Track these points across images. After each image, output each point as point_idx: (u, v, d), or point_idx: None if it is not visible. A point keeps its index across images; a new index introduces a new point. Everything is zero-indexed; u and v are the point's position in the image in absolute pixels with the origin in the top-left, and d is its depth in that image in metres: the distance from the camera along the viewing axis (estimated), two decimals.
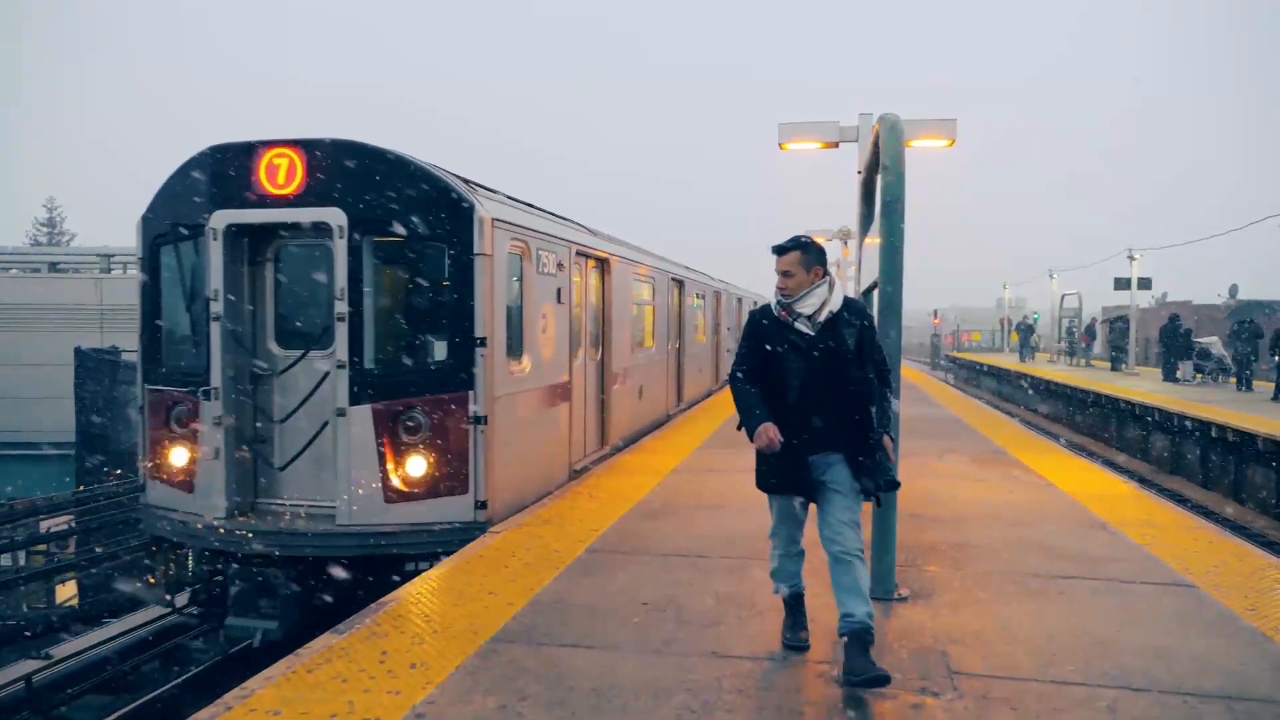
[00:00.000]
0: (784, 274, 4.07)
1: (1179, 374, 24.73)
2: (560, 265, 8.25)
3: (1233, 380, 22.88)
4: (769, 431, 3.97)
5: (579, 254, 9.04)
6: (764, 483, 4.21)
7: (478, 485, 6.51)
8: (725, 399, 16.50)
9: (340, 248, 6.51)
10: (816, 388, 4.02)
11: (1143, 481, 14.96)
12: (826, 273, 4.14)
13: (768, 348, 4.10)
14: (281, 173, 6.63)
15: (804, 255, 4.07)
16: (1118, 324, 30.52)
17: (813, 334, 4.04)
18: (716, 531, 6.62)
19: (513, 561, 5.74)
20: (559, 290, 8.22)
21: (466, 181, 6.94)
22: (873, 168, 6.62)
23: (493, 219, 6.67)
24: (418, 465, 6.48)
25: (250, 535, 6.43)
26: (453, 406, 6.49)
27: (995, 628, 4.63)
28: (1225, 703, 3.74)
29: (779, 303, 4.13)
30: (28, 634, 9.64)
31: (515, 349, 7.19)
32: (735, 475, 8.83)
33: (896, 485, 4.28)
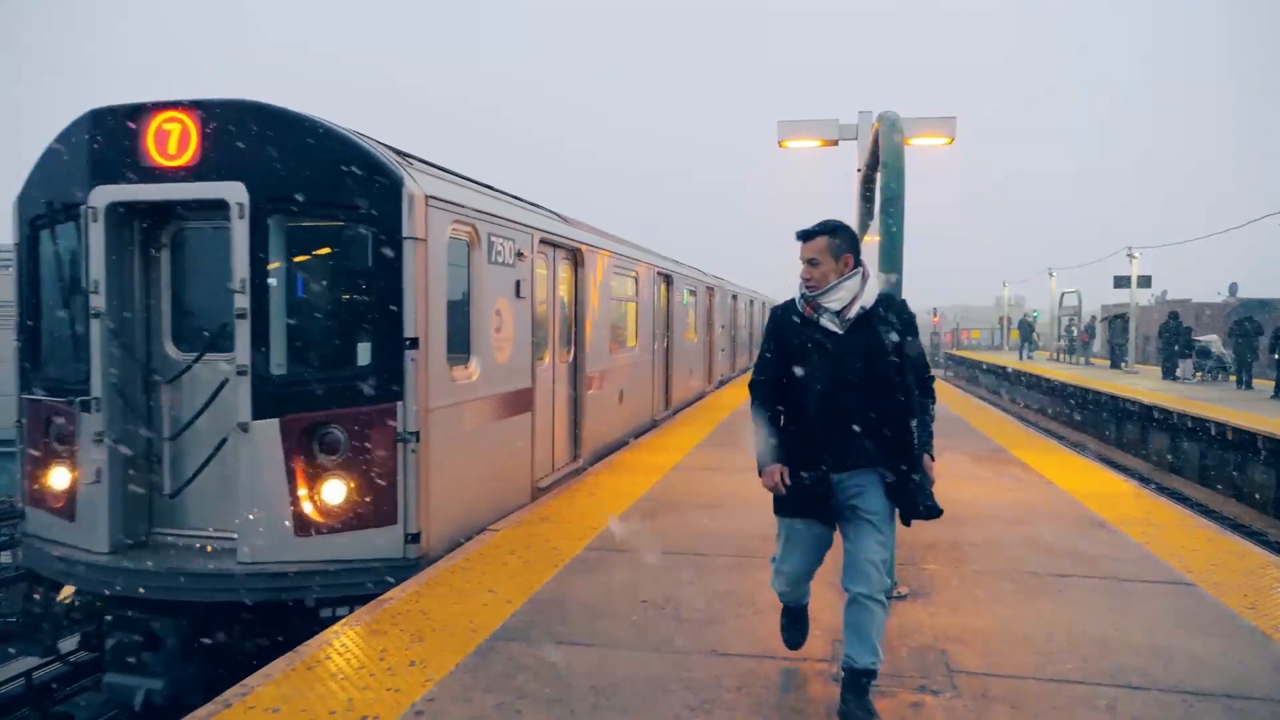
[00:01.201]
0: (809, 262, 3.57)
1: (1179, 372, 24.74)
2: (520, 254, 7.15)
3: (1232, 378, 22.88)
4: (775, 474, 3.59)
5: (545, 243, 7.97)
6: (782, 506, 3.69)
7: (408, 514, 5.46)
8: (718, 401, 16.24)
9: (240, 229, 5.42)
10: (845, 395, 3.50)
11: (1142, 480, 14.96)
12: (860, 263, 3.65)
13: (792, 347, 3.62)
14: (173, 140, 5.53)
15: (832, 241, 3.58)
16: (1117, 322, 30.51)
17: (840, 332, 3.52)
18: (716, 529, 6.62)
19: (512, 559, 5.74)
20: (518, 283, 7.14)
21: (400, 153, 5.86)
22: (872, 165, 6.62)
23: (427, 196, 5.59)
24: (335, 491, 5.45)
25: (129, 575, 5.42)
26: (377, 421, 5.43)
27: (994, 626, 4.63)
28: (1224, 701, 3.74)
29: (803, 296, 3.63)
30: None
31: (459, 351, 6.21)
32: (735, 474, 8.83)
33: (938, 513, 3.59)
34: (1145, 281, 30.89)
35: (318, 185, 5.47)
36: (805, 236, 3.64)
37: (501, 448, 6.96)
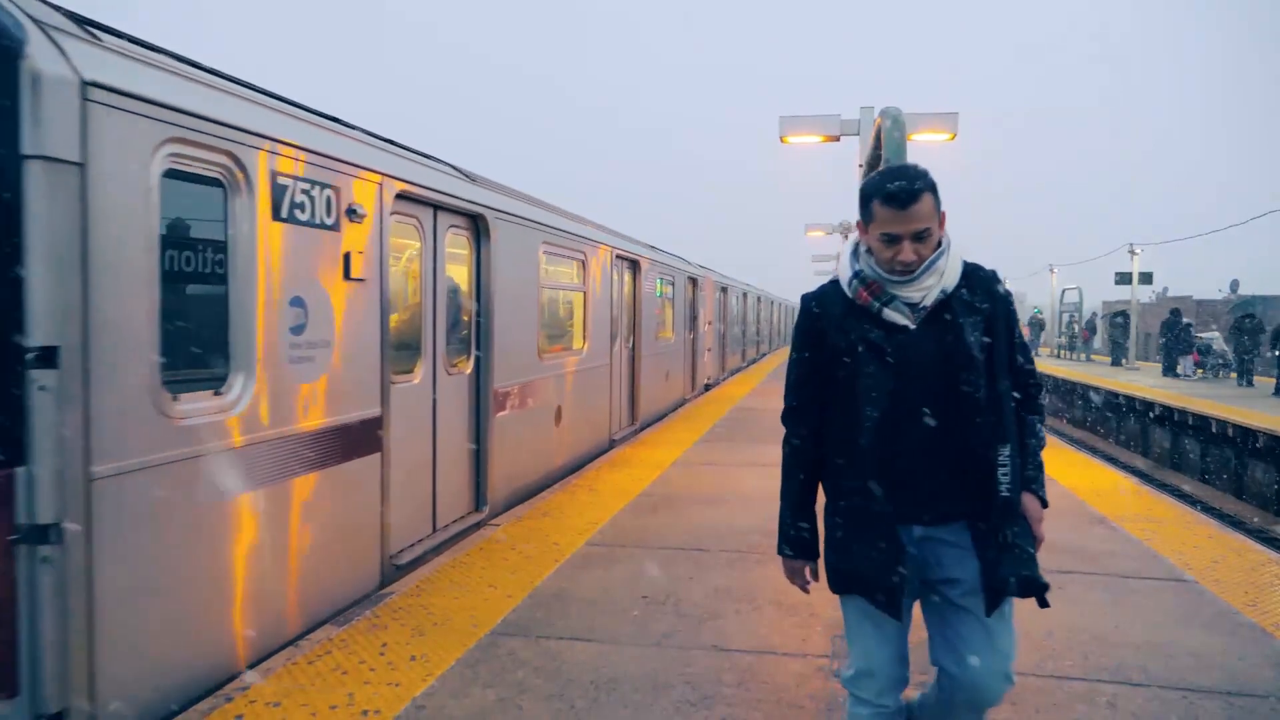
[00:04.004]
0: (915, 237, 2.39)
1: (1179, 369, 24.75)
2: (353, 213, 4.85)
3: (1233, 375, 22.90)
4: (798, 577, 2.70)
5: (411, 199, 5.64)
6: (836, 579, 2.57)
7: (38, 677, 3.05)
8: (700, 411, 14.69)
9: None
10: (914, 418, 2.43)
11: (1142, 476, 14.97)
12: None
13: (838, 351, 2.50)
14: None
15: (936, 197, 2.44)
16: (1118, 319, 30.53)
17: (911, 326, 2.45)
18: (715, 525, 6.62)
19: (512, 554, 5.74)
20: (348, 257, 4.82)
21: (67, 13, 3.43)
22: (874, 161, 6.61)
23: (90, 84, 3.19)
24: None
25: None
26: None
27: None
28: (1224, 698, 3.74)
29: (860, 276, 2.50)
30: None
31: (199, 365, 4.03)
32: (733, 469, 8.84)
33: (1041, 588, 2.45)
34: (1146, 278, 30.93)
35: None
36: (909, 196, 2.37)
37: (316, 516, 4.54)
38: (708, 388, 18.41)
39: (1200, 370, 24.72)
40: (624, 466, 8.99)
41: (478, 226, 6.74)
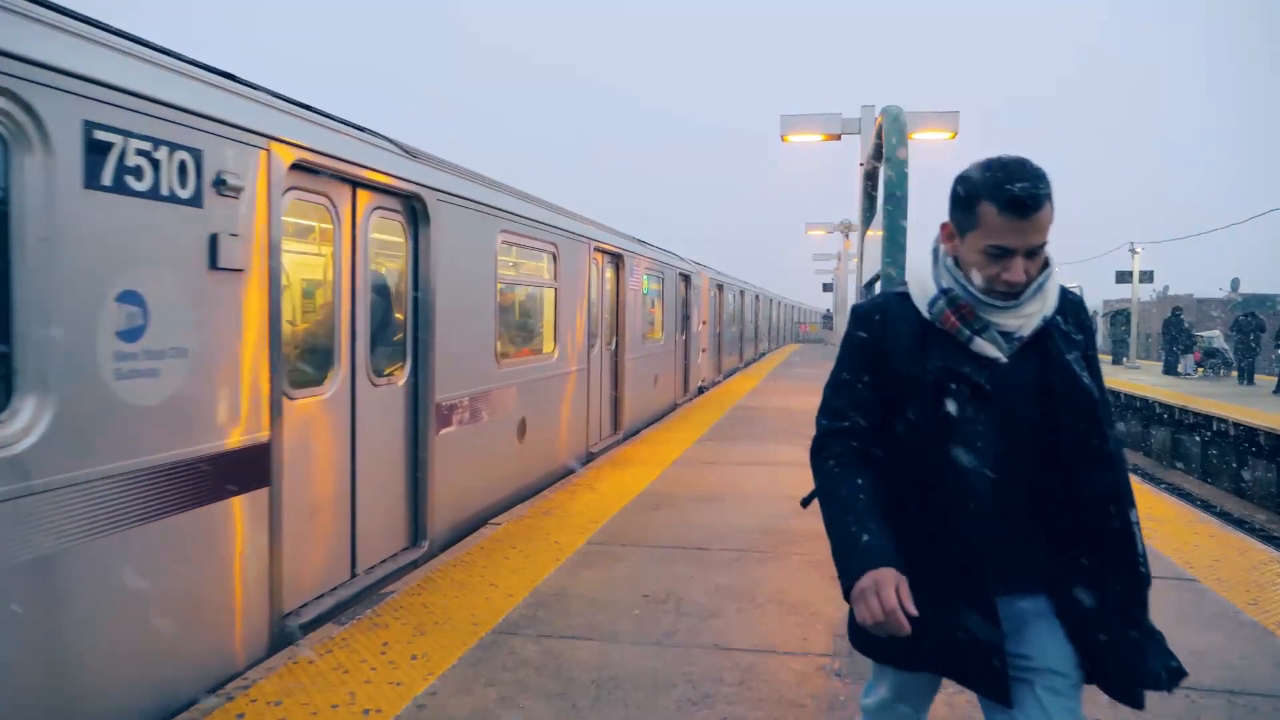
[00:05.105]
0: (1029, 252, 1.92)
1: (1180, 367, 24.76)
2: (223, 184, 3.77)
3: (1234, 374, 22.91)
4: (885, 591, 1.87)
5: (314, 171, 4.57)
6: (873, 643, 2.12)
7: None
8: (700, 411, 14.69)
9: None
10: (1016, 468, 1.99)
11: (1144, 475, 14.96)
12: None
13: (916, 385, 2.02)
14: None
15: (1052, 206, 1.92)
16: (1119, 317, 30.51)
17: (1004, 360, 2.00)
18: (716, 523, 6.62)
19: (513, 553, 5.74)
20: (214, 240, 3.74)
21: None
22: (875, 159, 6.60)
23: None
24: None
25: None
26: None
27: None
28: (1226, 697, 3.74)
29: (949, 297, 2.02)
30: None
31: None
32: (733, 468, 8.84)
33: (1181, 675, 2.05)
34: (1147, 276, 30.87)
35: None
36: (1034, 203, 1.87)
37: (158, 578, 3.51)
38: (702, 390, 17.76)
39: (1200, 369, 24.74)
40: (625, 465, 8.99)
41: (415, 210, 5.69)
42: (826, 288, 44.92)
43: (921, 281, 2.10)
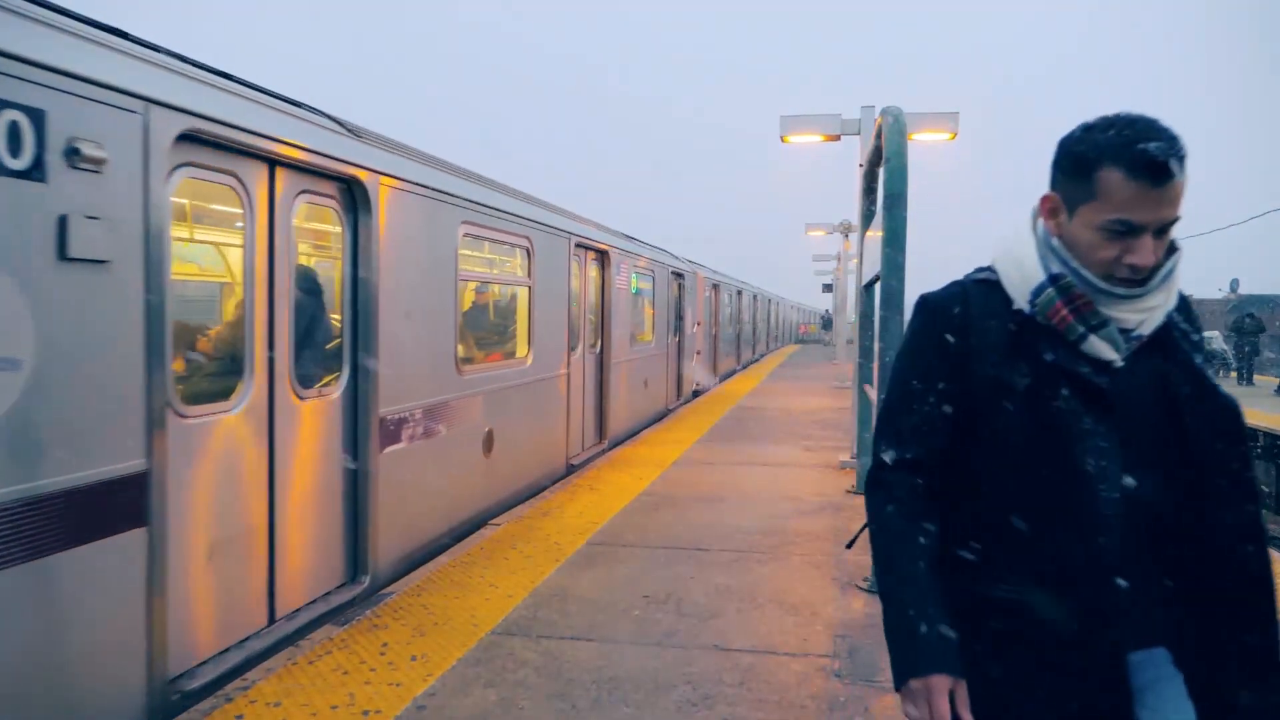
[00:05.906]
0: (1159, 230, 1.58)
1: None
2: (76, 154, 3.00)
3: (1234, 374, 22.92)
4: (937, 701, 1.55)
5: (215, 146, 3.84)
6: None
7: None
8: (700, 411, 14.65)
9: None
10: (1134, 497, 1.59)
11: None
12: None
13: (1009, 395, 1.63)
14: None
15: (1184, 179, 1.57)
16: None
17: (1120, 363, 1.63)
18: (716, 524, 6.62)
19: (513, 554, 5.74)
20: (65, 223, 2.99)
21: None
22: (875, 160, 6.60)
23: None
24: None
25: None
26: None
27: None
28: None
29: (1060, 284, 1.62)
30: None
31: None
32: (733, 468, 8.84)
33: None
34: None
35: None
36: (1170, 166, 1.52)
37: None
38: (696, 394, 17.07)
39: None
40: (625, 466, 8.99)
41: (355, 195, 4.91)
42: (826, 288, 44.95)
43: (1022, 265, 1.67)
